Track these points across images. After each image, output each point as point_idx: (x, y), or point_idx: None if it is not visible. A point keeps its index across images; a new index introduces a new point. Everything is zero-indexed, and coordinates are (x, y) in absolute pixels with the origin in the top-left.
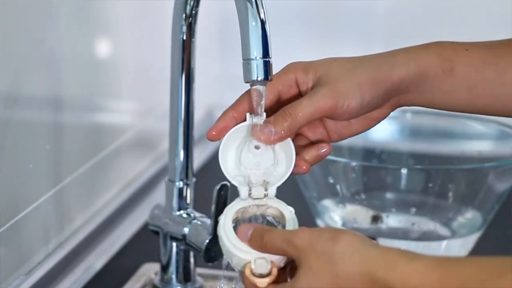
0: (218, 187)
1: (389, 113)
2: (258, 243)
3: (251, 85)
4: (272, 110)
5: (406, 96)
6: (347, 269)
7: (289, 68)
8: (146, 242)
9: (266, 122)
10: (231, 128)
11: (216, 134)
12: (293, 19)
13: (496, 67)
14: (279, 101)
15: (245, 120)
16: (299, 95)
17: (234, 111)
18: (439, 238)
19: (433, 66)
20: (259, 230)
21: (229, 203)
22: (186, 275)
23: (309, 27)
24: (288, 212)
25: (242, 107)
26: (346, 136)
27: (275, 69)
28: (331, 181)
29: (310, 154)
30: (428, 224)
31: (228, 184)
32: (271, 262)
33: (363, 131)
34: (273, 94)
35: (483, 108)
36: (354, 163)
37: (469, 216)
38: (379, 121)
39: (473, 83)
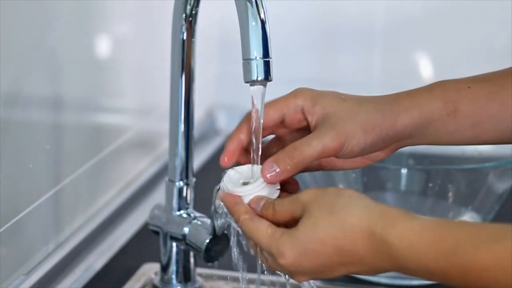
0: (218, 187)
1: (387, 156)
2: (270, 211)
3: (251, 85)
4: (272, 129)
5: (409, 140)
6: (347, 221)
7: (298, 93)
8: (146, 242)
9: (270, 161)
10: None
11: (228, 159)
12: (292, 21)
13: (500, 101)
14: (282, 123)
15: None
16: (304, 121)
17: (240, 132)
18: None
19: (437, 111)
20: (270, 201)
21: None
22: (186, 275)
23: (308, 30)
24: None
25: (247, 128)
26: (338, 169)
27: (275, 70)
28: (331, 181)
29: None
30: None
31: None
32: None
33: (356, 168)
34: (278, 114)
35: (488, 141)
36: None
37: (469, 216)
38: (374, 162)
39: (478, 120)
